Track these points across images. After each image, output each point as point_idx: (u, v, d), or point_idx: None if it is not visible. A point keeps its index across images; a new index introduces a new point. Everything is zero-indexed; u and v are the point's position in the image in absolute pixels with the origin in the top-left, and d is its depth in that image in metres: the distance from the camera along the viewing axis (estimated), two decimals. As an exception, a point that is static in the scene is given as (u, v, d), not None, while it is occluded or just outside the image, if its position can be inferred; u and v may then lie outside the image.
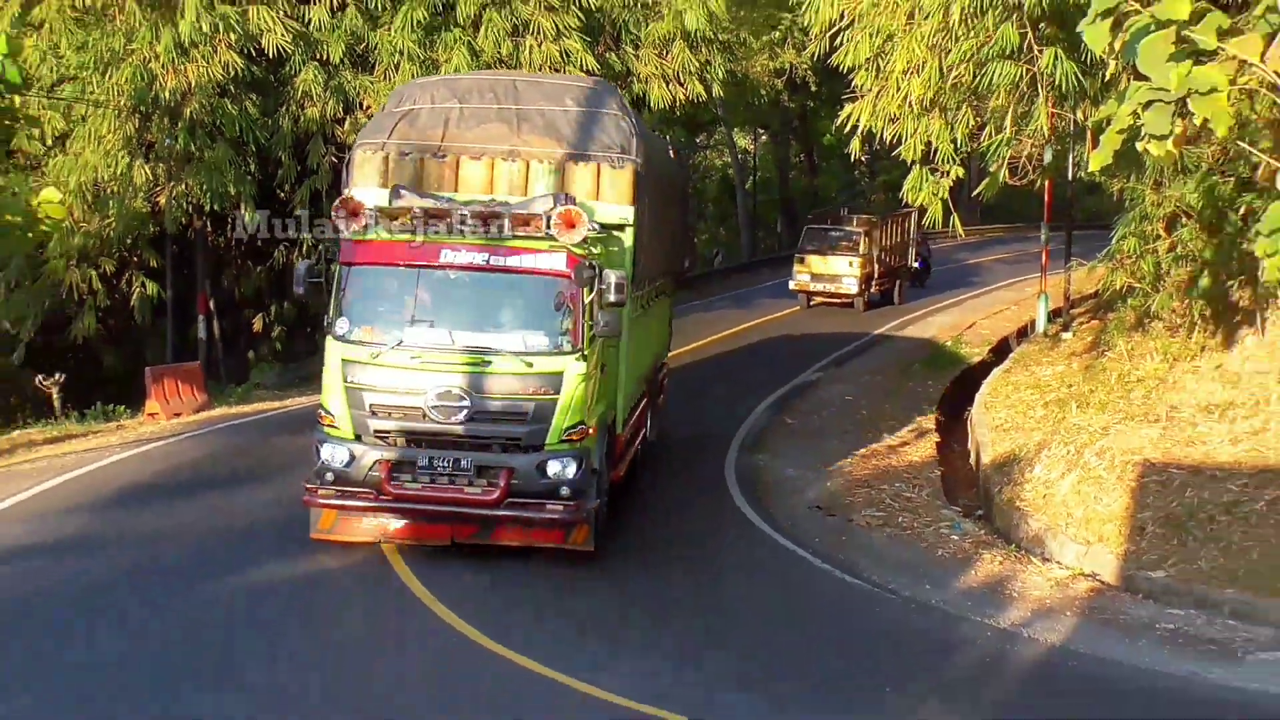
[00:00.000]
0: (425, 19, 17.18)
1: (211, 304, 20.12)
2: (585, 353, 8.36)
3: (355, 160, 9.19)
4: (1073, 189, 20.52)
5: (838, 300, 24.28)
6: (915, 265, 27.33)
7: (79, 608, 7.56)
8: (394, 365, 8.16)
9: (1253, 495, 8.64)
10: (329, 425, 8.32)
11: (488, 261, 8.27)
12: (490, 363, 8.21)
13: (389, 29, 17.28)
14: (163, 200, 17.75)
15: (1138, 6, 5.45)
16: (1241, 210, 10.29)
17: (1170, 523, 8.63)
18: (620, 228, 9.16)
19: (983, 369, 17.22)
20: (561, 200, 8.46)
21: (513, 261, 8.31)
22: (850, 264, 23.88)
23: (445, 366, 8.18)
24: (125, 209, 17.50)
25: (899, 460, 12.68)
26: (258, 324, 21.78)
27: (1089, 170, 9.94)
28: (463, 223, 8.23)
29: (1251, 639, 7.27)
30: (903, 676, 6.96)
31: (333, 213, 8.42)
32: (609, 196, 9.05)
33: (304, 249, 18.21)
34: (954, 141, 10.60)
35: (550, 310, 8.43)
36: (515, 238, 8.24)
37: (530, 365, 8.25)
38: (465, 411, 8.13)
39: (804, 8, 11.41)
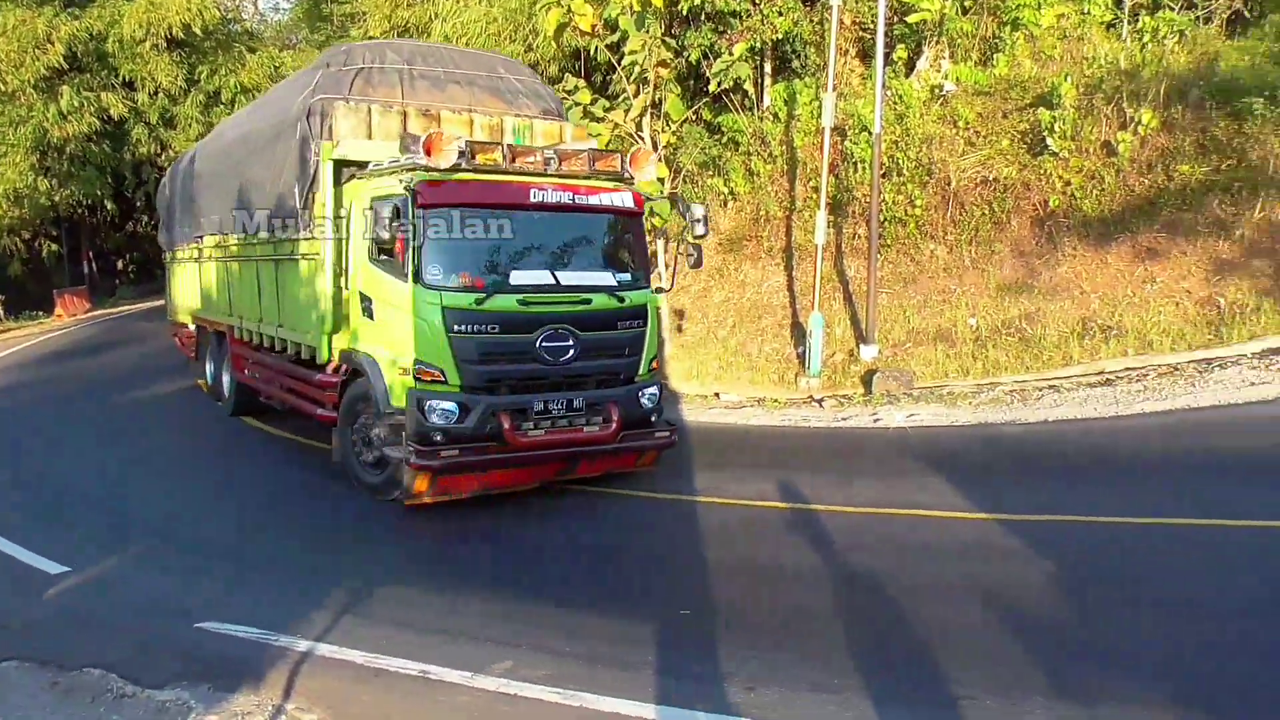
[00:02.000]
0: (204, 100, 30.84)
1: (91, 254, 34.20)
2: (660, 286, 8.91)
3: (337, 114, 8.91)
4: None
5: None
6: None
7: (18, 414, 14.94)
8: (502, 309, 7.75)
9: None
10: (432, 380, 7.69)
11: (573, 200, 8.09)
12: (590, 300, 8.09)
13: (184, 104, 30.89)
14: (58, 199, 31.13)
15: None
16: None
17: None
18: None
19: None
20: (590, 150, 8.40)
21: (593, 200, 8.19)
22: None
23: (550, 307, 7.92)
24: (35, 204, 30.80)
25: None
26: (120, 264, 36.18)
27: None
28: (547, 162, 8.02)
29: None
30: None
31: (408, 150, 7.87)
32: None
33: (143, 223, 32.31)
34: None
35: (628, 247, 8.57)
36: (596, 175, 8.24)
37: (624, 301, 8.25)
38: (572, 351, 7.97)
39: None
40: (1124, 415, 10.10)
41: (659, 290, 9.04)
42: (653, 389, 8.56)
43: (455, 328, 7.69)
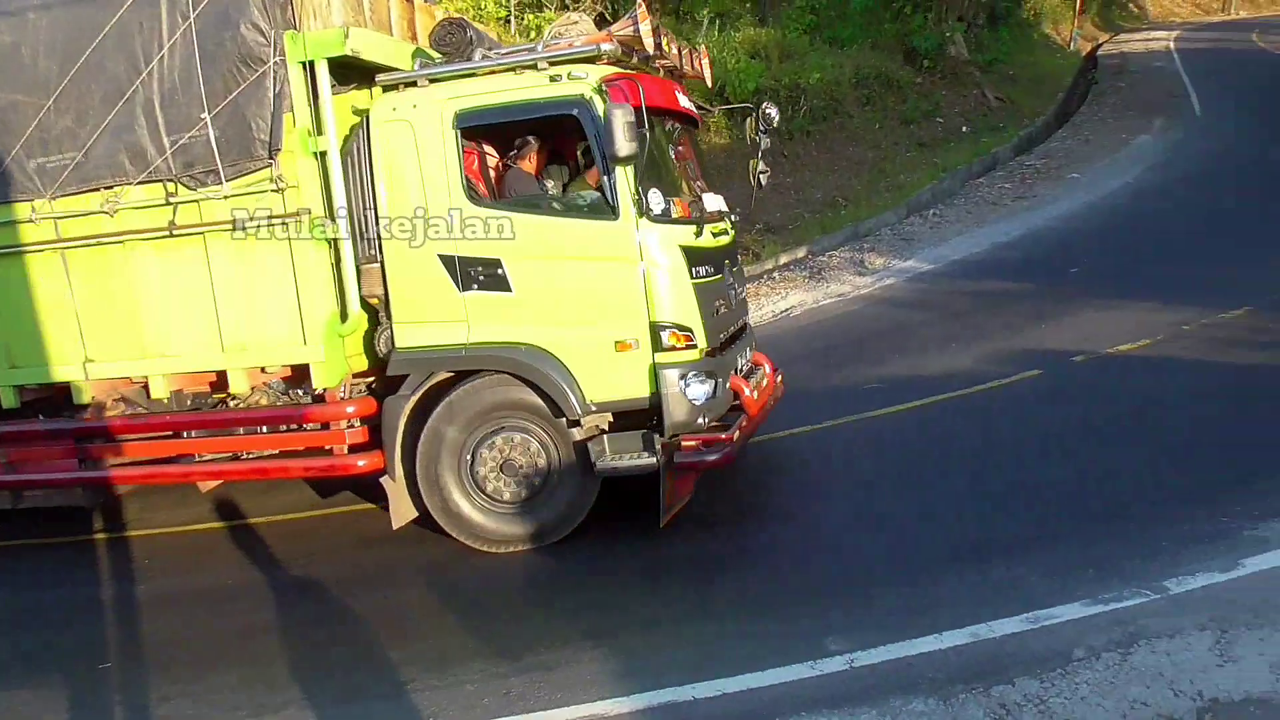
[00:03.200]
0: None
1: None
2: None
3: None
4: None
5: None
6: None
7: None
8: (712, 246, 6.24)
9: None
10: (685, 346, 5.82)
11: (693, 106, 6.81)
12: (729, 231, 6.71)
13: None
14: None
15: None
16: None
17: None
18: None
19: None
20: None
21: (692, 108, 6.80)
22: None
23: (725, 241, 6.56)
24: None
25: None
26: None
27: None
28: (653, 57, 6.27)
29: None
30: None
31: (625, 31, 5.94)
32: None
33: None
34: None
35: (702, 164, 7.16)
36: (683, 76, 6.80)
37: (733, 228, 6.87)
38: (735, 293, 6.71)
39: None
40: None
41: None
42: None
43: (695, 273, 5.87)
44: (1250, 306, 9.54)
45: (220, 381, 6.65)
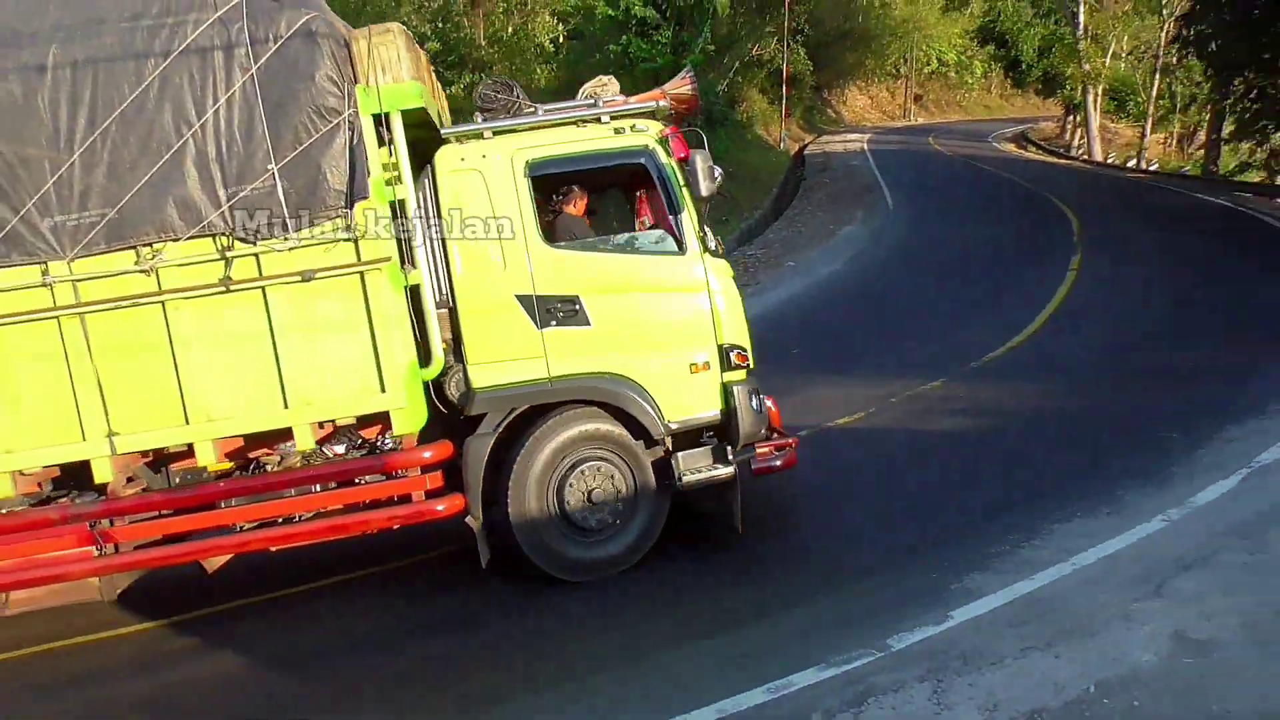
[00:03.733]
0: None
1: None
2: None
3: (380, 41, 5.96)
4: None
5: None
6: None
7: None
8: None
9: None
10: (743, 365, 6.55)
11: None
12: None
13: None
14: None
15: None
16: None
17: None
18: None
19: None
20: None
21: None
22: None
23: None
24: None
25: None
26: None
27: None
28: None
29: None
30: None
31: (681, 90, 6.84)
32: None
33: None
34: None
35: None
36: None
37: None
38: None
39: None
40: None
41: None
42: None
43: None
44: (944, 378, 10.60)
45: (243, 448, 6.36)
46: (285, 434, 6.17)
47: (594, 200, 7.22)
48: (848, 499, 7.65)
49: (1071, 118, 46.82)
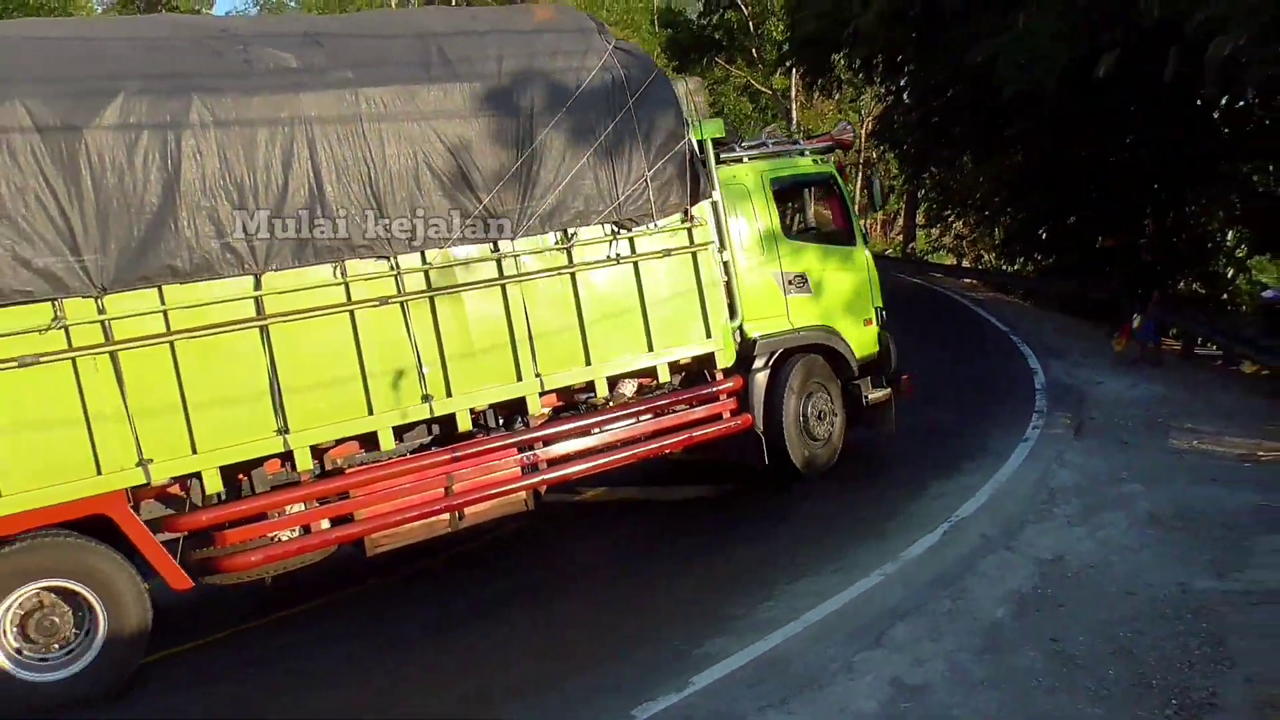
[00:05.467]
0: None
1: None
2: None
3: (690, 89, 8.70)
4: None
5: None
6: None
7: None
8: None
9: None
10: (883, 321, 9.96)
11: None
12: None
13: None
14: None
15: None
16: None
17: None
18: None
19: None
20: None
21: None
22: None
23: None
24: None
25: None
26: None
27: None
28: None
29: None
30: None
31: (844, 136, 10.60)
32: None
33: None
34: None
35: None
36: None
37: None
38: None
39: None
40: None
41: None
42: None
43: None
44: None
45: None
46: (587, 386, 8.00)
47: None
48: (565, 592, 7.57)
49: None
